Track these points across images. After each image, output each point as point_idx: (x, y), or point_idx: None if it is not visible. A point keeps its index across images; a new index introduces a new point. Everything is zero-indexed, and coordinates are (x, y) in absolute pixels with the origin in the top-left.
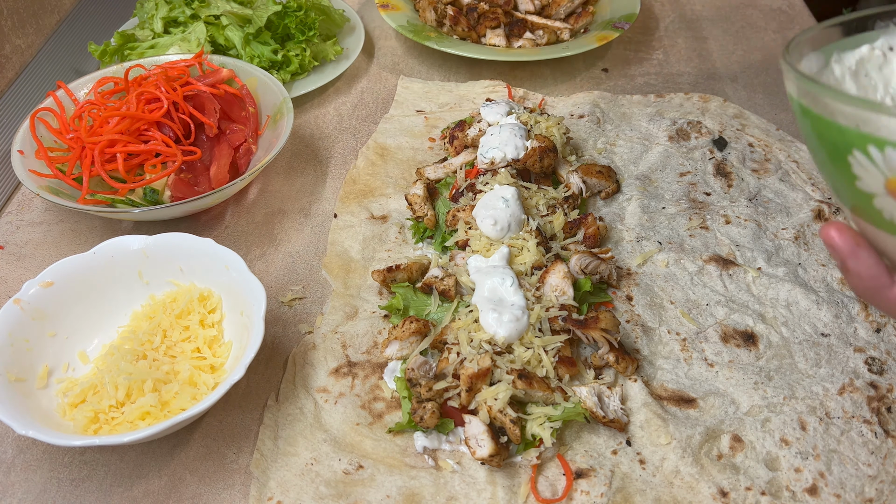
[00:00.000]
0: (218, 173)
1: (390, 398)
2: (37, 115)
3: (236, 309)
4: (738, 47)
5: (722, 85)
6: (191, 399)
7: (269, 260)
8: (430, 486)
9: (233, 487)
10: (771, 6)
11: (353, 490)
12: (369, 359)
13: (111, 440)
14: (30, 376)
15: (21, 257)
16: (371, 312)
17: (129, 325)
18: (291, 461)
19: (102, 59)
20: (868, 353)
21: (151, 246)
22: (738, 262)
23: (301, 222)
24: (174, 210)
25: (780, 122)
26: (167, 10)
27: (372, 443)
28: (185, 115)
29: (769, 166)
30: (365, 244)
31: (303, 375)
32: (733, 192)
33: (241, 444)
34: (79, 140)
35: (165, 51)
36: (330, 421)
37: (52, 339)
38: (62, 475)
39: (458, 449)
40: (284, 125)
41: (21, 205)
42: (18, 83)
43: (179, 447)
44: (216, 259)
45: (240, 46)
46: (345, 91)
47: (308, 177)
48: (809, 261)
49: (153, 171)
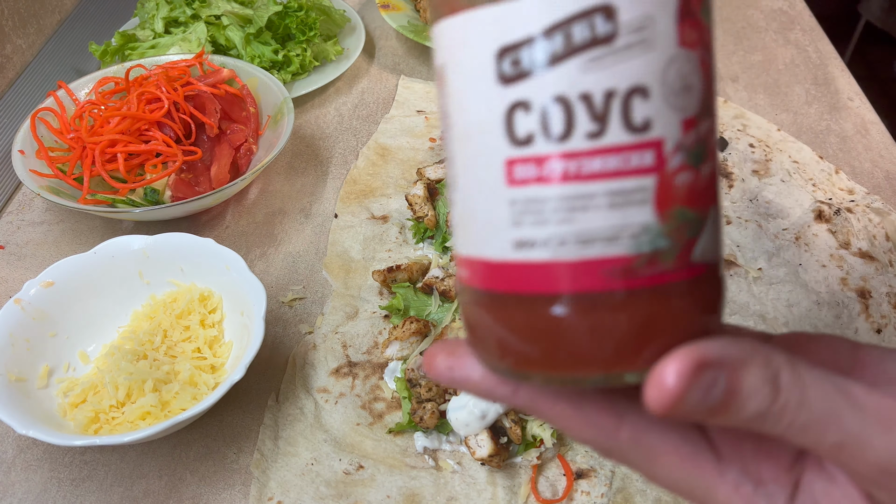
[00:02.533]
0: (219, 173)
1: (391, 398)
2: (37, 115)
3: (237, 309)
4: (739, 48)
5: (722, 85)
6: (191, 399)
7: (270, 260)
8: (430, 487)
9: (233, 487)
10: (772, 7)
11: (354, 490)
12: (370, 359)
13: (111, 440)
14: (30, 376)
15: (21, 257)
16: (371, 313)
17: (129, 325)
18: (292, 461)
19: (103, 59)
20: None
21: (152, 246)
22: (739, 263)
23: (301, 222)
24: (175, 210)
25: (781, 123)
26: (168, 10)
27: (372, 443)
28: (185, 115)
29: (770, 167)
30: (365, 244)
31: (303, 375)
32: (734, 193)
33: (241, 444)
34: (79, 140)
35: (166, 51)
36: (330, 421)
37: (53, 339)
38: (62, 475)
39: (459, 449)
40: (285, 125)
41: (21, 205)
42: (19, 83)
43: (180, 447)
44: (217, 259)
45: (240, 46)
46: (345, 91)
47: (309, 177)
48: (810, 261)
49: (154, 171)
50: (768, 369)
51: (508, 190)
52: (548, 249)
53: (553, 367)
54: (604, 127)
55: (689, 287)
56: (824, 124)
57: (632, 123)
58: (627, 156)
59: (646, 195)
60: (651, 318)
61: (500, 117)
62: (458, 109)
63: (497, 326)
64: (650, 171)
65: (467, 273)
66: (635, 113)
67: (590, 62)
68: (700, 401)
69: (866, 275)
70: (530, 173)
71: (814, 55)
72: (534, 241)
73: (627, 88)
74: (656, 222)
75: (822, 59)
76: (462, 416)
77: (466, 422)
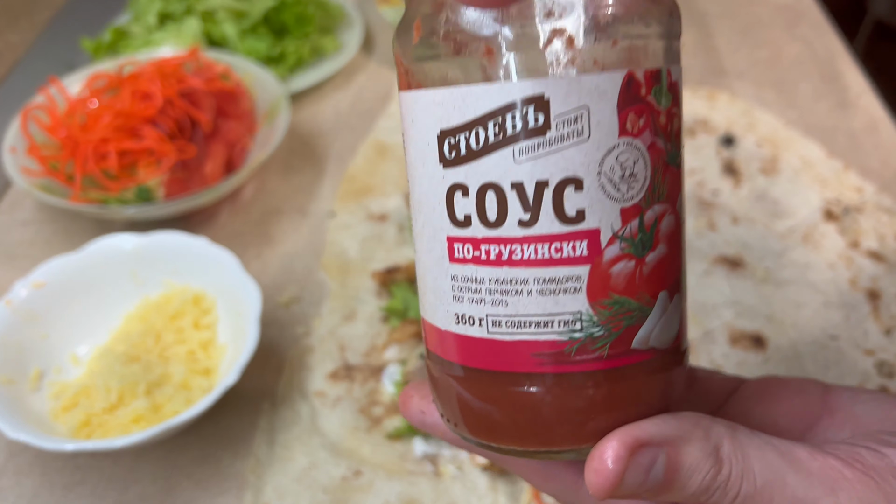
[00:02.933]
0: (213, 171)
1: (389, 402)
2: (29, 112)
3: (231, 311)
4: (746, 43)
5: (729, 81)
6: (185, 403)
7: (266, 260)
8: (429, 493)
9: (228, 493)
10: (779, 2)
11: (352, 496)
12: (368, 362)
13: (104, 444)
14: (21, 379)
15: (12, 257)
16: (369, 314)
17: (122, 327)
18: (288, 466)
19: (96, 55)
20: (878, 355)
21: (145, 245)
22: (746, 263)
23: (298, 222)
24: (168, 209)
25: (789, 119)
26: (162, 4)
27: (370, 448)
28: (179, 112)
29: (778, 165)
30: (363, 244)
31: (299, 379)
32: (741, 192)
33: (236, 448)
34: (71, 137)
35: (160, 46)
36: (327, 425)
37: (44, 341)
38: (54, 480)
39: (459, 455)
40: (281, 122)
41: (12, 204)
42: (10, 79)
43: (174, 452)
44: (211, 259)
45: (235, 41)
46: (343, 87)
47: (305, 175)
48: (818, 262)
49: (147, 169)
50: (708, 442)
51: (450, 266)
52: (483, 328)
53: (492, 437)
54: (535, 216)
55: (629, 373)
56: (832, 121)
57: (564, 214)
58: (559, 245)
59: (578, 284)
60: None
61: (442, 196)
62: (413, 178)
63: (446, 391)
64: (582, 261)
65: (425, 334)
66: (567, 204)
67: (522, 152)
68: (640, 481)
69: (876, 275)
70: (467, 253)
71: (821, 51)
72: (471, 317)
73: (559, 180)
74: (589, 311)
75: (829, 54)
76: None
77: None
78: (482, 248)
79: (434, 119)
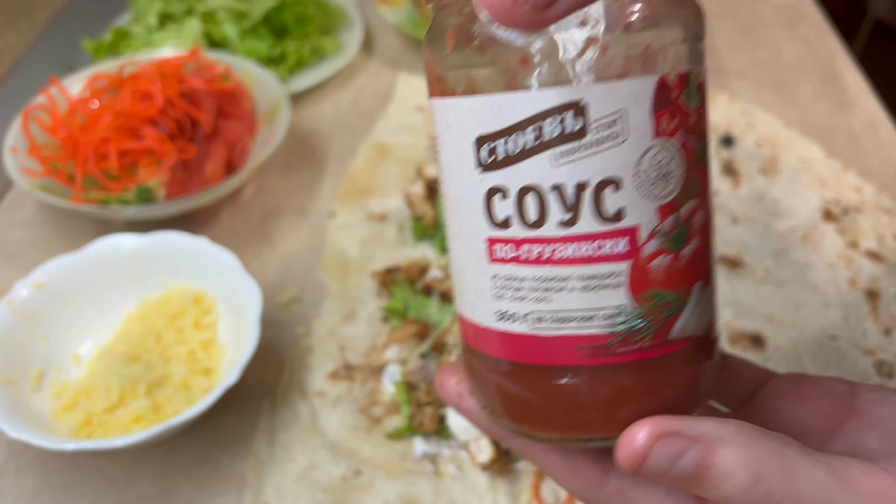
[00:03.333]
0: (213, 171)
1: (389, 402)
2: (30, 112)
3: (231, 311)
4: (746, 43)
5: (729, 81)
6: (185, 403)
7: (265, 260)
8: (429, 493)
9: (228, 493)
10: (779, 2)
11: (352, 496)
12: (367, 362)
13: (104, 444)
14: (22, 379)
15: (13, 257)
16: (369, 314)
17: (122, 327)
18: (288, 467)
19: (97, 55)
20: (877, 355)
21: (145, 245)
22: (746, 263)
23: (298, 222)
24: (168, 209)
25: (789, 120)
26: (162, 5)
27: (370, 448)
28: (179, 112)
29: (777, 165)
30: (363, 244)
31: (299, 379)
32: (741, 192)
33: (236, 448)
34: (72, 138)
35: (160, 46)
36: (327, 425)
37: (45, 341)
38: (54, 479)
39: (459, 454)
40: (281, 122)
41: (13, 204)
42: (11, 79)
43: (173, 452)
44: (211, 259)
45: (236, 42)
46: (343, 87)
47: (305, 175)
48: (818, 262)
49: (147, 169)
50: (749, 452)
51: (490, 265)
52: (526, 324)
53: (530, 425)
54: (575, 216)
55: (668, 362)
56: (832, 121)
57: (603, 214)
58: (600, 243)
59: (619, 279)
60: (626, 391)
61: (480, 199)
62: (448, 182)
63: (485, 383)
64: (623, 257)
65: (463, 330)
66: (607, 204)
67: (560, 156)
68: (665, 468)
69: (875, 275)
70: (508, 253)
71: (821, 51)
72: (514, 314)
73: (599, 181)
74: (631, 305)
75: (829, 55)
76: (462, 420)
77: (467, 426)
78: (523, 247)
79: (470, 125)
